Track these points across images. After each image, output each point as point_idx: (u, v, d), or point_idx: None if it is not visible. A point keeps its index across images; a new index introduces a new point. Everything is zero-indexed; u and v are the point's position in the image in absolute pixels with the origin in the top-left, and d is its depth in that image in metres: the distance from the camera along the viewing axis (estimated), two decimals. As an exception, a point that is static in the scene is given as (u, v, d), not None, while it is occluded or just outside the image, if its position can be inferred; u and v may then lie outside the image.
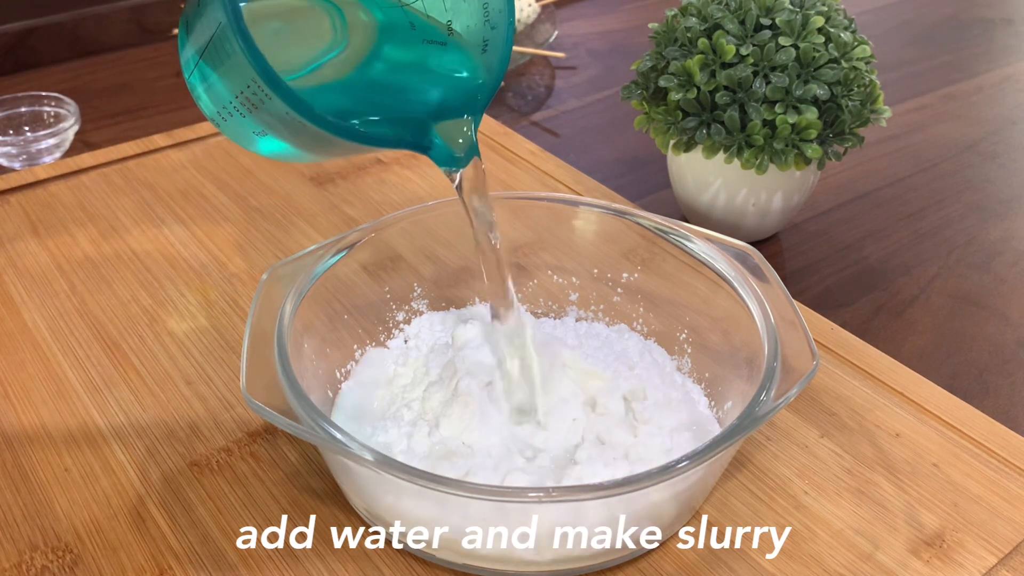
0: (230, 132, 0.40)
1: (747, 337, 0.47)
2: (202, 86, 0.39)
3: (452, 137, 0.42)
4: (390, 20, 0.44)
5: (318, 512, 0.45)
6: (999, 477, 0.48)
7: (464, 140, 0.42)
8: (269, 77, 0.35)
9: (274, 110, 0.36)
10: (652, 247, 0.53)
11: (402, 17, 0.44)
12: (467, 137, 0.42)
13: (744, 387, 0.46)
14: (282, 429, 0.40)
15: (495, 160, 0.74)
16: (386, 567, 0.43)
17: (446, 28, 0.44)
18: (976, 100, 0.96)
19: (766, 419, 0.40)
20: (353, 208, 0.68)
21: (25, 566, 0.43)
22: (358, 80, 0.43)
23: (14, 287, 0.60)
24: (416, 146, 0.41)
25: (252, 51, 0.34)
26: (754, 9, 0.62)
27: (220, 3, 0.35)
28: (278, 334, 0.44)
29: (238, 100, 0.37)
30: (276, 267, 0.48)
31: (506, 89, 0.94)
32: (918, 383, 0.53)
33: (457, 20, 0.43)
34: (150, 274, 0.61)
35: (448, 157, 0.42)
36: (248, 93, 0.36)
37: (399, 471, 0.38)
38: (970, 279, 0.68)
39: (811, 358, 0.43)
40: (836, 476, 0.48)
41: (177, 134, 0.76)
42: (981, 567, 0.44)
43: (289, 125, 0.37)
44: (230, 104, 0.38)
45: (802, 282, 0.67)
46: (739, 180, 0.65)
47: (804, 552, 0.44)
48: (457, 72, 0.43)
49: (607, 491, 0.38)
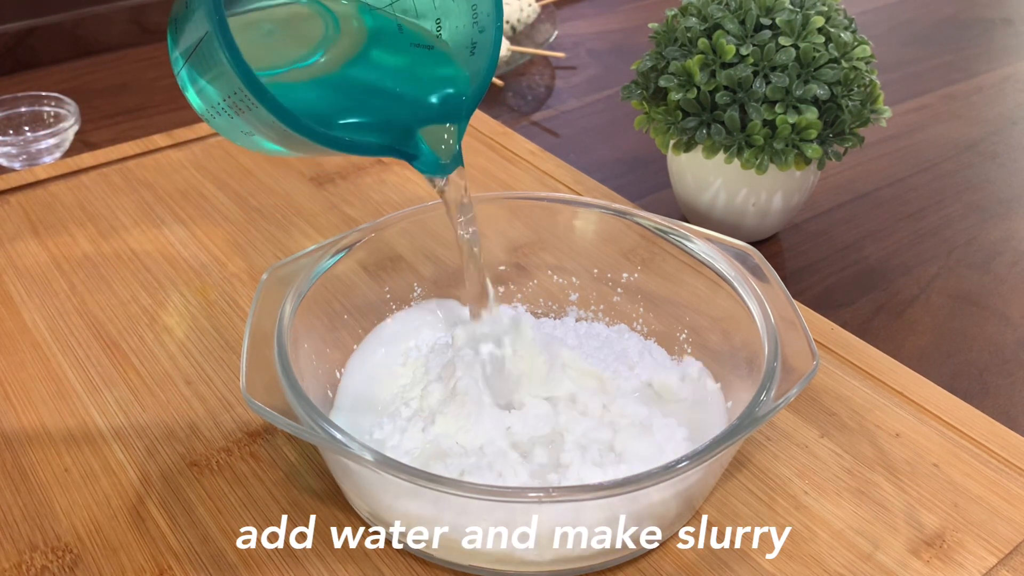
0: (219, 128, 0.40)
1: (747, 337, 0.47)
2: (191, 86, 0.39)
3: (436, 143, 0.42)
4: (379, 24, 0.44)
5: (318, 512, 0.45)
6: (999, 477, 0.48)
7: (448, 147, 0.42)
8: (255, 88, 0.35)
9: (261, 117, 0.36)
10: (652, 247, 0.53)
11: (391, 21, 0.44)
12: (450, 144, 0.42)
13: (744, 387, 0.46)
14: (282, 429, 0.40)
15: (495, 160, 0.74)
16: (386, 567, 0.43)
17: (434, 33, 0.44)
18: (976, 100, 0.96)
19: (766, 419, 0.40)
20: (353, 208, 0.68)
21: (25, 566, 0.43)
22: (344, 81, 0.43)
23: (14, 287, 0.60)
24: (401, 153, 0.41)
25: (238, 62, 0.34)
26: (754, 9, 0.62)
27: (205, 11, 0.34)
28: (278, 334, 0.44)
29: (226, 103, 0.37)
30: (276, 267, 0.48)
31: (506, 89, 0.94)
32: (918, 383, 0.53)
33: (446, 20, 0.43)
34: (150, 274, 0.61)
35: (433, 164, 0.42)
36: (235, 99, 0.36)
37: (399, 471, 0.38)
38: (970, 279, 0.68)
39: (811, 358, 0.43)
40: (836, 476, 0.48)
41: (177, 134, 0.76)
42: (981, 567, 0.44)
43: (276, 130, 0.37)
44: (218, 105, 0.38)
45: (802, 282, 0.67)
46: (739, 180, 0.65)
47: (804, 552, 0.44)
48: (443, 77, 0.43)
49: (607, 491, 0.38)
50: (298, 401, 0.40)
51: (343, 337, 0.52)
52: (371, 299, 0.54)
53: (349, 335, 0.52)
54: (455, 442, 0.44)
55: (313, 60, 0.43)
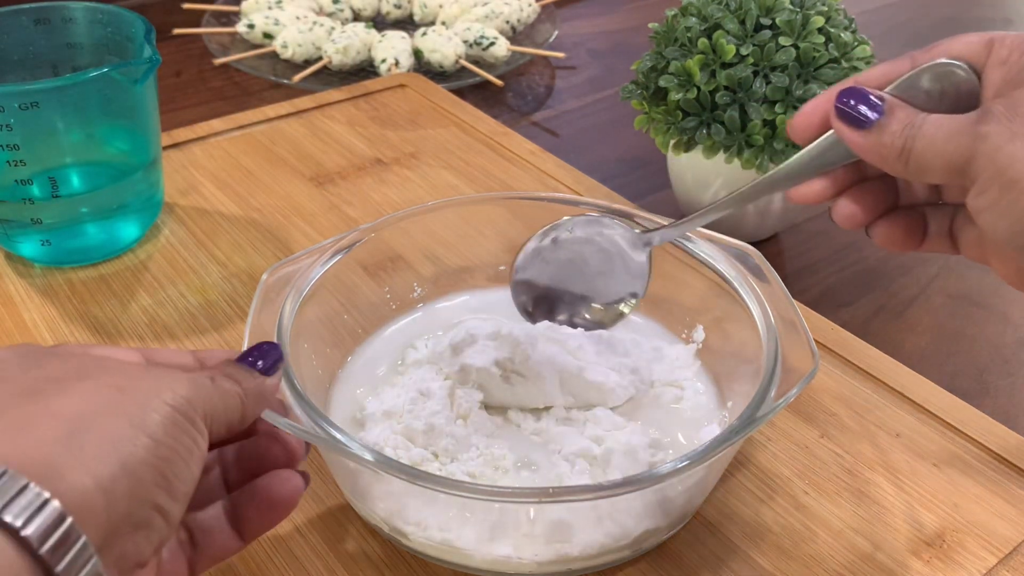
0: None
1: (747, 337, 0.47)
2: None
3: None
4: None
5: (318, 512, 0.45)
6: (999, 477, 0.48)
7: None
8: None
9: None
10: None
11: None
12: None
13: (744, 387, 0.46)
14: (282, 429, 0.40)
15: (495, 160, 0.74)
16: (386, 567, 0.43)
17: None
18: (976, 100, 0.95)
19: (766, 419, 0.40)
20: (353, 208, 0.68)
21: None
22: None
23: (14, 287, 0.60)
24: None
25: None
26: (754, 9, 0.62)
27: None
28: (278, 334, 0.44)
29: None
30: (276, 267, 0.48)
31: (506, 89, 0.94)
32: (918, 383, 0.53)
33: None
34: (150, 274, 0.61)
35: None
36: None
37: (399, 472, 0.38)
38: (970, 279, 0.68)
39: (811, 358, 0.43)
40: (836, 476, 0.48)
41: (177, 134, 0.76)
42: (981, 567, 0.44)
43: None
44: None
45: (802, 282, 0.67)
46: (739, 180, 0.65)
47: (804, 552, 0.44)
48: None
49: (607, 491, 0.38)
50: (298, 401, 0.40)
51: (343, 337, 0.52)
52: (371, 299, 0.54)
53: (349, 335, 0.52)
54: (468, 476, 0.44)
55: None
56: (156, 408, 0.30)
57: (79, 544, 0.26)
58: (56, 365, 0.31)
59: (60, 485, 0.26)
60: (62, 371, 0.31)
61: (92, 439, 0.28)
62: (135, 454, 0.28)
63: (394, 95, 0.83)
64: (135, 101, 0.59)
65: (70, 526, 0.26)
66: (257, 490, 0.36)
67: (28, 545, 0.25)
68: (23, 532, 0.25)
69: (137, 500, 0.28)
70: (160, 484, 0.29)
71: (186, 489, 0.31)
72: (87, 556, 0.26)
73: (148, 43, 0.56)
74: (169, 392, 0.31)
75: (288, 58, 0.91)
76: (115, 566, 0.28)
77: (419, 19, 1.02)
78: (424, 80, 0.86)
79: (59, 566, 0.26)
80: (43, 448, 0.27)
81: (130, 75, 0.55)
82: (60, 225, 0.59)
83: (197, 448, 0.31)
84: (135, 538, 0.29)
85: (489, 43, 0.93)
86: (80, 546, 0.26)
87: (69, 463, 0.27)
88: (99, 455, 0.28)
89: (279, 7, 0.95)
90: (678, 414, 0.49)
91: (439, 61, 0.91)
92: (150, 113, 0.60)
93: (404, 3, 1.02)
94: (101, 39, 0.61)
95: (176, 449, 0.30)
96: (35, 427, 0.28)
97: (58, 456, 0.27)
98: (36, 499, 0.26)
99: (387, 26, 1.00)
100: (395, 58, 0.89)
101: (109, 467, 0.28)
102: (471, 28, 0.94)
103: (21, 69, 0.61)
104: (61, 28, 0.60)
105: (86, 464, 0.27)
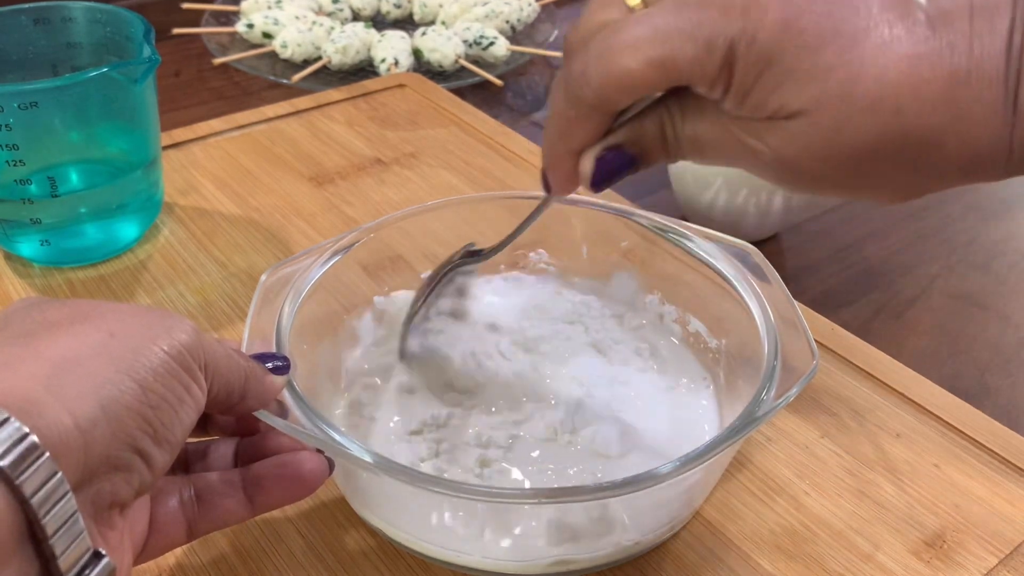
0: None
1: (747, 337, 0.47)
2: None
3: None
4: None
5: (318, 513, 0.45)
6: (1000, 478, 0.48)
7: None
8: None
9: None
10: (652, 247, 0.53)
11: None
12: None
13: (744, 387, 0.46)
14: (281, 430, 0.40)
15: (495, 160, 0.74)
16: (386, 567, 0.43)
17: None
18: (976, 100, 0.95)
19: (766, 419, 0.40)
20: (353, 208, 0.68)
21: (24, 566, 0.43)
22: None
23: (13, 287, 0.60)
24: None
25: None
26: (754, 9, 0.62)
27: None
28: (278, 334, 0.44)
29: None
30: (276, 267, 0.48)
31: (506, 89, 0.94)
32: (919, 383, 0.53)
33: None
34: (149, 274, 0.61)
35: None
36: None
37: (398, 473, 0.38)
38: (971, 279, 0.68)
39: (811, 358, 0.43)
40: (836, 476, 0.48)
41: (177, 134, 0.76)
42: (982, 568, 0.44)
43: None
44: None
45: (802, 282, 0.67)
46: (739, 180, 0.65)
47: (804, 552, 0.44)
48: None
49: (607, 491, 0.38)
50: (297, 402, 0.40)
51: (343, 337, 0.52)
52: (371, 299, 0.53)
53: (349, 335, 0.52)
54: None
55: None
56: (148, 354, 0.30)
57: (54, 479, 0.27)
58: (55, 310, 0.32)
59: (39, 422, 0.27)
60: (60, 316, 0.31)
61: (73, 380, 0.28)
62: (118, 398, 0.29)
63: (394, 95, 0.83)
64: (134, 101, 0.58)
65: (46, 460, 0.26)
66: (285, 462, 0.37)
67: (5, 476, 0.26)
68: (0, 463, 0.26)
69: (117, 442, 0.29)
70: (144, 429, 0.29)
71: (173, 437, 0.31)
72: (63, 492, 0.27)
73: (147, 43, 0.56)
74: (166, 339, 0.31)
75: (287, 58, 0.91)
76: (91, 503, 0.29)
77: (419, 19, 1.02)
78: (424, 80, 0.86)
79: (34, 498, 0.26)
80: (25, 384, 0.28)
81: (129, 75, 0.55)
82: (59, 225, 0.59)
83: (190, 397, 0.31)
84: (113, 479, 0.29)
85: (489, 43, 0.93)
86: (55, 481, 0.27)
87: (48, 401, 0.27)
88: (80, 395, 0.28)
89: (278, 7, 0.95)
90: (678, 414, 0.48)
91: (439, 61, 0.91)
92: (149, 113, 0.60)
93: (404, 3, 1.02)
94: (100, 39, 0.61)
95: (165, 396, 0.30)
96: (20, 366, 0.28)
97: (39, 393, 0.27)
98: (15, 432, 0.26)
99: (387, 26, 1.00)
100: (395, 58, 0.89)
101: (89, 408, 0.28)
102: (471, 28, 0.94)
103: (20, 69, 0.61)
104: (60, 28, 0.60)
105: (66, 403, 0.28)
